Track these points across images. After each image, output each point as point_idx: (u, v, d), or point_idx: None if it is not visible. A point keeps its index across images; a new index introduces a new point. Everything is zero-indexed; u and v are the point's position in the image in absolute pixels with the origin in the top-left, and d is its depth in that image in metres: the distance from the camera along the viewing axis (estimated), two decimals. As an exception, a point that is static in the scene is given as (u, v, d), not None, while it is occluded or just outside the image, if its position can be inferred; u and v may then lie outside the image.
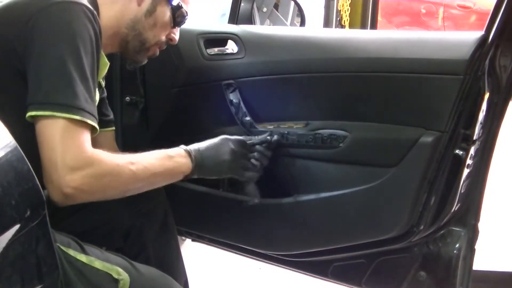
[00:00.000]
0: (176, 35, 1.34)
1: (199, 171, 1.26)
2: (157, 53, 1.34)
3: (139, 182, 1.13)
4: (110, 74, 1.72)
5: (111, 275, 1.08)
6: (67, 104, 1.00)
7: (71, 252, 1.06)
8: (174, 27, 1.32)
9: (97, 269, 1.07)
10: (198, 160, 1.25)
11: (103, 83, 1.39)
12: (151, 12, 1.25)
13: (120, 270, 1.09)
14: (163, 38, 1.31)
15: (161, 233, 1.47)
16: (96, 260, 1.08)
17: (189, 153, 1.25)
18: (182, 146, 1.27)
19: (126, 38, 1.25)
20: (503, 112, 1.42)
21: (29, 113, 1.01)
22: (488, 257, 2.00)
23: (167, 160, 1.20)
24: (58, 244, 1.04)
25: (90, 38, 1.06)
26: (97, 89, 1.16)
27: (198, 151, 1.26)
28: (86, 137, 1.02)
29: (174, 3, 1.28)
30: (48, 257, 0.86)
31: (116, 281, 1.07)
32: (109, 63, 1.26)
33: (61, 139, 0.99)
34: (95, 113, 1.05)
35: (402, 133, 1.35)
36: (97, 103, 1.17)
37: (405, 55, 1.37)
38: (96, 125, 1.05)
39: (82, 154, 1.01)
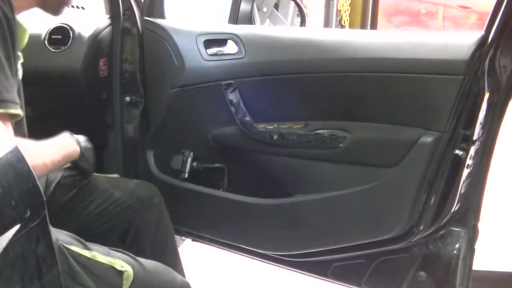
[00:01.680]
0: None
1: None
2: (72, 2, 1.28)
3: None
4: (110, 74, 1.73)
5: (115, 268, 1.09)
6: None
7: (74, 248, 1.08)
8: None
9: (101, 263, 1.09)
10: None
11: (21, 57, 1.24)
12: None
13: (123, 262, 1.10)
14: None
15: (158, 235, 1.47)
16: (99, 254, 1.10)
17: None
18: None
19: None
20: (503, 112, 1.42)
21: None
22: (488, 257, 2.00)
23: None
24: (60, 242, 1.06)
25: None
26: (19, 63, 1.11)
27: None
28: (8, 129, 0.96)
29: None
30: (48, 257, 0.86)
31: (120, 272, 1.09)
32: (27, 29, 1.16)
33: None
34: (16, 98, 0.98)
35: (402, 133, 1.35)
36: (20, 77, 1.14)
37: (405, 56, 1.37)
38: (19, 111, 0.98)
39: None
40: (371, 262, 1.51)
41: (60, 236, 1.09)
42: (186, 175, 1.64)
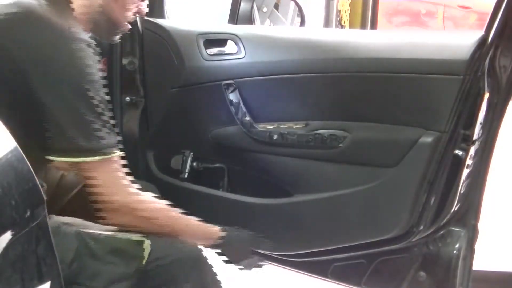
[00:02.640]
0: (143, 6, 1.32)
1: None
2: (128, 28, 1.32)
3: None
4: (110, 74, 1.73)
5: (133, 240, 1.14)
6: (92, 148, 1.06)
7: (91, 230, 1.13)
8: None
9: (120, 237, 1.14)
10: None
11: None
12: None
13: (139, 235, 1.15)
14: (132, 13, 1.30)
15: None
16: (115, 232, 1.16)
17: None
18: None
19: (97, 23, 1.24)
20: (503, 112, 1.42)
21: (60, 159, 1.05)
22: (488, 257, 2.00)
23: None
24: (76, 228, 1.12)
25: (96, 72, 1.09)
26: None
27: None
28: (121, 171, 1.11)
29: None
30: (48, 257, 0.85)
31: (139, 243, 1.13)
32: None
33: (102, 183, 1.08)
34: (116, 138, 1.10)
35: (402, 133, 1.35)
36: None
37: (405, 56, 1.37)
38: (121, 149, 1.11)
39: (127, 198, 1.12)
40: (371, 262, 1.50)
41: (74, 221, 1.14)
42: (186, 175, 1.64)
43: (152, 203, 1.18)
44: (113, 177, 1.10)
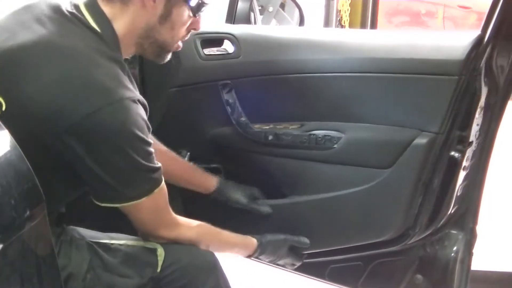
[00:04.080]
0: (198, 26, 1.20)
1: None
2: (181, 46, 1.24)
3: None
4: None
5: (147, 248, 1.14)
6: (132, 194, 1.05)
7: (103, 241, 1.14)
8: (195, 17, 1.18)
9: (133, 246, 1.14)
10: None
11: None
12: (166, 16, 1.12)
13: (152, 242, 1.15)
14: (184, 33, 1.19)
15: None
16: (127, 240, 1.16)
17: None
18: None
19: (142, 46, 1.16)
20: (501, 113, 1.41)
21: (103, 204, 1.06)
22: (488, 257, 1.99)
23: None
24: (88, 240, 1.13)
25: (136, 127, 1.04)
26: None
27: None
28: (162, 206, 1.12)
29: (191, 1, 1.12)
30: (48, 257, 0.86)
31: (153, 251, 1.13)
32: None
33: (146, 220, 1.11)
34: (158, 175, 1.09)
35: (397, 134, 1.34)
36: None
37: (400, 56, 1.36)
38: (163, 179, 1.10)
39: (170, 233, 1.15)
40: (368, 264, 1.50)
41: (85, 233, 1.15)
42: None
43: (194, 230, 1.20)
44: (154, 214, 1.11)
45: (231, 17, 1.84)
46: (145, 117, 1.07)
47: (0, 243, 0.73)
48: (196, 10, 1.14)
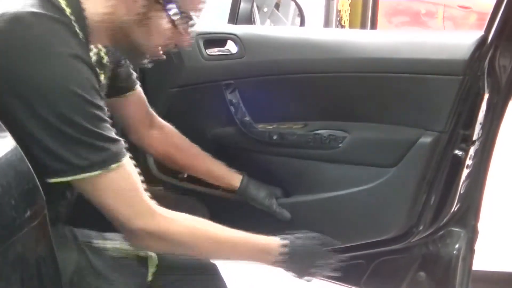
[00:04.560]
0: (184, 39, 1.11)
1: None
2: (161, 56, 1.14)
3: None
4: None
5: (138, 255, 1.10)
6: (87, 164, 0.93)
7: (95, 242, 1.09)
8: (179, 32, 1.08)
9: (127, 253, 1.10)
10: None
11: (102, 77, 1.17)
12: (141, 20, 1.03)
13: (146, 251, 1.09)
14: (163, 43, 1.10)
15: None
16: (121, 244, 1.09)
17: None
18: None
19: (115, 39, 1.06)
20: (503, 112, 1.42)
21: (57, 180, 0.93)
22: (488, 257, 2.00)
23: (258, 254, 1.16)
24: (80, 241, 1.08)
25: (81, 87, 0.93)
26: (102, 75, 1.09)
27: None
28: (131, 187, 0.98)
29: (171, 11, 1.03)
30: (48, 258, 0.86)
31: (144, 259, 1.09)
32: (107, 63, 1.14)
33: (113, 205, 0.97)
34: (118, 147, 0.97)
35: (401, 133, 1.35)
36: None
37: (404, 56, 1.37)
38: (126, 153, 0.99)
39: (146, 222, 0.99)
40: (371, 262, 1.50)
41: (78, 232, 1.10)
42: (186, 175, 1.64)
43: (180, 224, 1.03)
44: (121, 198, 0.97)
45: (234, 17, 1.85)
46: (91, 78, 0.95)
47: (0, 243, 0.74)
48: (180, 23, 1.05)
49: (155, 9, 1.02)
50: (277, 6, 3.44)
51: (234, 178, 1.46)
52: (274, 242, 1.16)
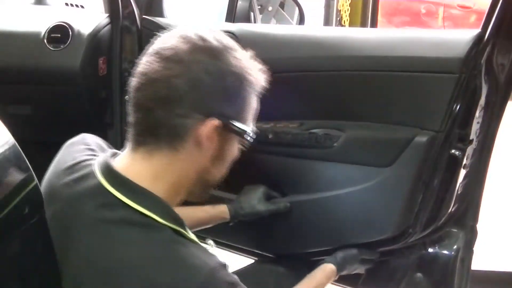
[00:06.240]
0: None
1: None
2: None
3: None
4: (109, 73, 1.72)
5: None
6: None
7: None
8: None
9: None
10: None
11: None
12: (217, 156, 0.98)
13: None
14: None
15: None
16: None
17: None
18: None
19: (191, 192, 1.00)
20: (501, 111, 1.40)
21: None
22: (488, 257, 1.99)
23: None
24: None
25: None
26: None
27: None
28: None
29: (241, 129, 0.98)
30: (47, 255, 0.85)
31: None
32: None
33: None
34: None
35: (397, 132, 1.34)
36: None
37: (400, 53, 1.36)
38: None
39: None
40: (368, 263, 1.49)
41: None
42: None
43: None
44: None
45: (231, 16, 1.84)
46: None
47: (-1, 240, 0.73)
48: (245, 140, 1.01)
49: (229, 138, 0.98)
50: (282, 5, 3.44)
51: (222, 213, 1.45)
52: (330, 268, 1.38)
